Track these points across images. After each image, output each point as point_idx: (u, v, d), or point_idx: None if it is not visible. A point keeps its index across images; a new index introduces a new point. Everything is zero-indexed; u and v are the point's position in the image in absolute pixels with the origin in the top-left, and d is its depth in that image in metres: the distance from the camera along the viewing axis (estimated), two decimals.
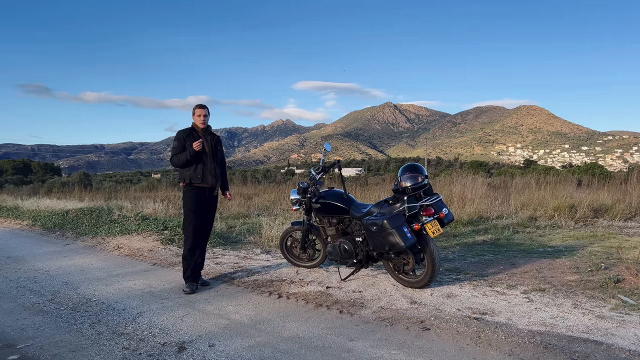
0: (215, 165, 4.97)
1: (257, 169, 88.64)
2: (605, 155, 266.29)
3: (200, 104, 5.00)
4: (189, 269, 4.82)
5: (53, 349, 3.30)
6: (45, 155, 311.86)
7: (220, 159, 5.14)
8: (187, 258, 4.83)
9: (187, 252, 4.84)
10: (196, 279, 4.85)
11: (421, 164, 4.60)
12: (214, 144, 5.00)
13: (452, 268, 5.13)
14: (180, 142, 4.85)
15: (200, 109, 4.95)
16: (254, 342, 3.31)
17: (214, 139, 5.04)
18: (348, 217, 4.92)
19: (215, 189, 5.04)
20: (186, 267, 4.83)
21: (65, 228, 9.80)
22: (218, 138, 5.12)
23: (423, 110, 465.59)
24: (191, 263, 4.82)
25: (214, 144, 5.00)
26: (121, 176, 63.65)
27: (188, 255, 4.83)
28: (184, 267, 4.85)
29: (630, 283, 4.19)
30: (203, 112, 4.94)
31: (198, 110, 4.94)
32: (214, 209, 5.12)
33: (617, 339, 3.09)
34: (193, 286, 4.74)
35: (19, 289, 5.08)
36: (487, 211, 8.87)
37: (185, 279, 4.83)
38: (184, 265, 4.85)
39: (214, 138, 5.03)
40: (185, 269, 4.84)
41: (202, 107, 4.98)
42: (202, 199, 4.90)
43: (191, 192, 4.87)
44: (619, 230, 7.24)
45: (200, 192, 4.88)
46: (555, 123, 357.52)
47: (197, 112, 4.93)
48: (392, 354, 3.05)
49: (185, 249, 4.87)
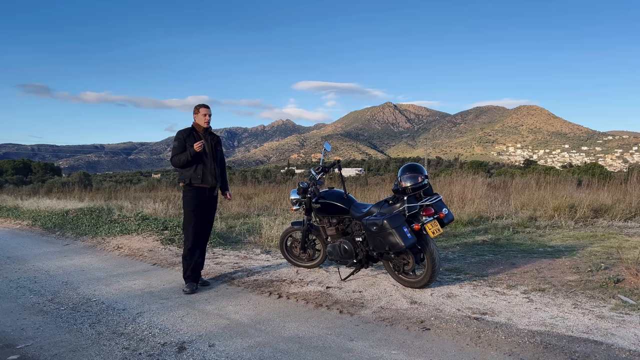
0: (215, 166, 4.96)
1: (257, 169, 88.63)
2: (605, 155, 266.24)
3: (204, 104, 4.99)
4: (189, 269, 4.82)
5: (53, 349, 3.30)
6: (45, 155, 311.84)
7: (220, 159, 5.13)
8: (187, 258, 4.84)
9: (187, 252, 4.84)
10: (196, 279, 4.86)
11: (421, 164, 4.60)
12: (214, 144, 4.99)
13: (452, 268, 5.13)
14: (180, 142, 4.84)
15: (205, 108, 4.94)
16: (254, 342, 3.31)
17: (214, 139, 5.02)
18: (348, 217, 4.92)
19: (215, 190, 5.03)
20: (186, 267, 4.84)
21: (65, 228, 9.80)
22: (218, 138, 5.11)
23: (423, 110, 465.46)
24: (191, 263, 4.82)
25: (214, 144, 4.99)
26: (121, 176, 63.66)
27: (188, 255, 4.84)
28: (184, 267, 4.85)
29: (630, 283, 4.20)
30: (208, 112, 4.94)
31: (203, 109, 4.93)
32: (214, 209, 5.12)
33: (617, 339, 3.09)
34: (193, 286, 4.75)
35: (19, 289, 5.08)
36: (487, 211, 8.87)
37: (185, 279, 4.84)
38: (184, 265, 4.85)
39: (214, 138, 5.01)
40: (185, 269, 4.85)
41: (207, 107, 4.96)
42: (202, 199, 4.90)
43: (191, 193, 4.86)
44: (619, 230, 7.24)
45: (200, 192, 4.88)
46: (555, 123, 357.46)
47: (203, 111, 4.92)
48: (392, 354, 3.05)
49: (185, 249, 4.88)
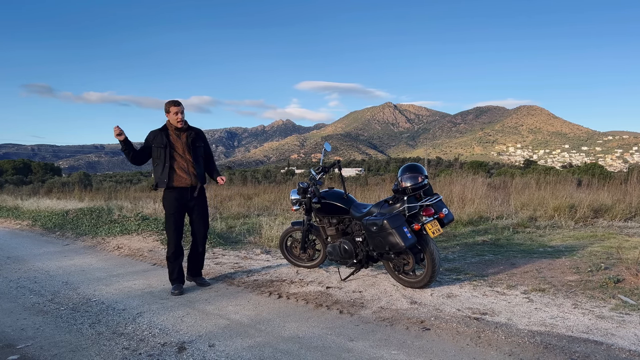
0: (195, 164, 4.64)
1: (257, 169, 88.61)
2: (605, 155, 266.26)
3: (174, 100, 4.55)
4: (174, 271, 4.73)
5: (53, 349, 3.30)
6: (45, 155, 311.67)
7: (205, 152, 4.83)
8: (170, 260, 4.74)
9: (170, 255, 4.73)
10: (182, 281, 4.78)
11: (421, 164, 4.60)
12: (191, 140, 4.65)
13: (452, 268, 5.13)
14: (146, 142, 4.66)
15: (176, 106, 4.53)
16: (254, 342, 3.31)
17: (191, 134, 4.68)
18: (348, 217, 4.92)
19: (196, 190, 4.71)
20: (171, 269, 4.74)
21: (65, 228, 9.80)
22: (197, 132, 4.74)
23: (423, 110, 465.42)
24: (176, 266, 4.72)
25: (191, 140, 4.65)
26: (121, 176, 63.59)
27: (172, 257, 4.73)
28: (170, 270, 4.77)
29: (630, 283, 4.20)
30: (180, 109, 4.54)
31: (173, 107, 4.52)
32: (203, 207, 4.84)
33: (617, 339, 3.09)
34: (180, 287, 4.69)
35: (19, 289, 5.08)
36: (487, 211, 8.86)
37: (171, 282, 4.76)
38: (169, 268, 4.77)
39: (191, 134, 4.68)
40: (170, 271, 4.76)
41: (178, 104, 4.54)
42: (182, 201, 4.66)
43: (170, 195, 4.64)
44: (619, 230, 7.24)
45: (179, 194, 4.64)
46: (555, 123, 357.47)
47: (173, 109, 4.52)
48: (392, 354, 3.05)
49: (169, 252, 4.75)
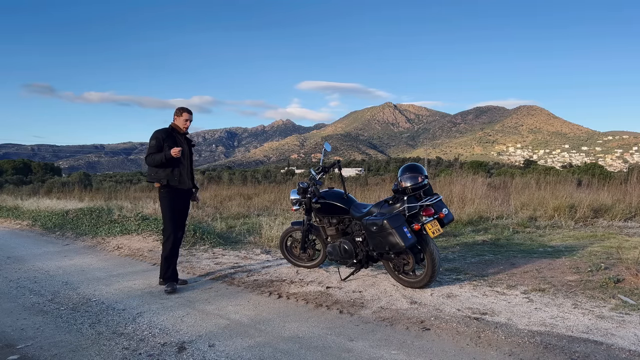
0: (190, 168, 5.11)
1: (257, 169, 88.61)
2: (605, 155, 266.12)
3: (188, 109, 5.01)
4: (169, 269, 4.90)
5: (53, 349, 3.30)
6: (45, 155, 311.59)
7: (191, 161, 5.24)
8: (168, 258, 4.90)
9: (169, 253, 4.90)
10: (176, 279, 4.95)
11: (421, 164, 4.60)
12: (189, 146, 5.12)
13: (452, 268, 5.13)
14: (158, 142, 4.80)
15: (188, 113, 4.97)
16: (254, 342, 3.32)
17: (191, 142, 5.17)
18: (348, 217, 4.92)
19: (190, 193, 5.16)
20: (167, 267, 4.90)
21: (65, 228, 9.80)
22: (192, 142, 5.24)
23: (423, 110, 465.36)
24: (171, 264, 4.91)
25: (189, 146, 5.12)
26: (121, 176, 63.58)
27: (169, 254, 4.90)
28: (165, 268, 4.90)
29: (630, 283, 4.20)
30: (190, 118, 4.98)
31: (186, 114, 4.96)
32: (188, 211, 5.24)
33: (617, 339, 3.09)
34: (173, 285, 4.83)
35: (19, 289, 5.08)
36: (487, 211, 8.87)
37: (165, 280, 4.89)
38: (165, 266, 4.90)
39: (190, 141, 5.15)
40: (166, 269, 4.90)
41: (190, 112, 5.00)
42: (181, 200, 5.01)
43: (170, 194, 4.90)
44: (619, 230, 7.24)
45: (177, 193, 4.95)
46: (555, 123, 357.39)
47: (185, 116, 4.96)
48: (392, 354, 3.05)
49: (167, 250, 4.89)
